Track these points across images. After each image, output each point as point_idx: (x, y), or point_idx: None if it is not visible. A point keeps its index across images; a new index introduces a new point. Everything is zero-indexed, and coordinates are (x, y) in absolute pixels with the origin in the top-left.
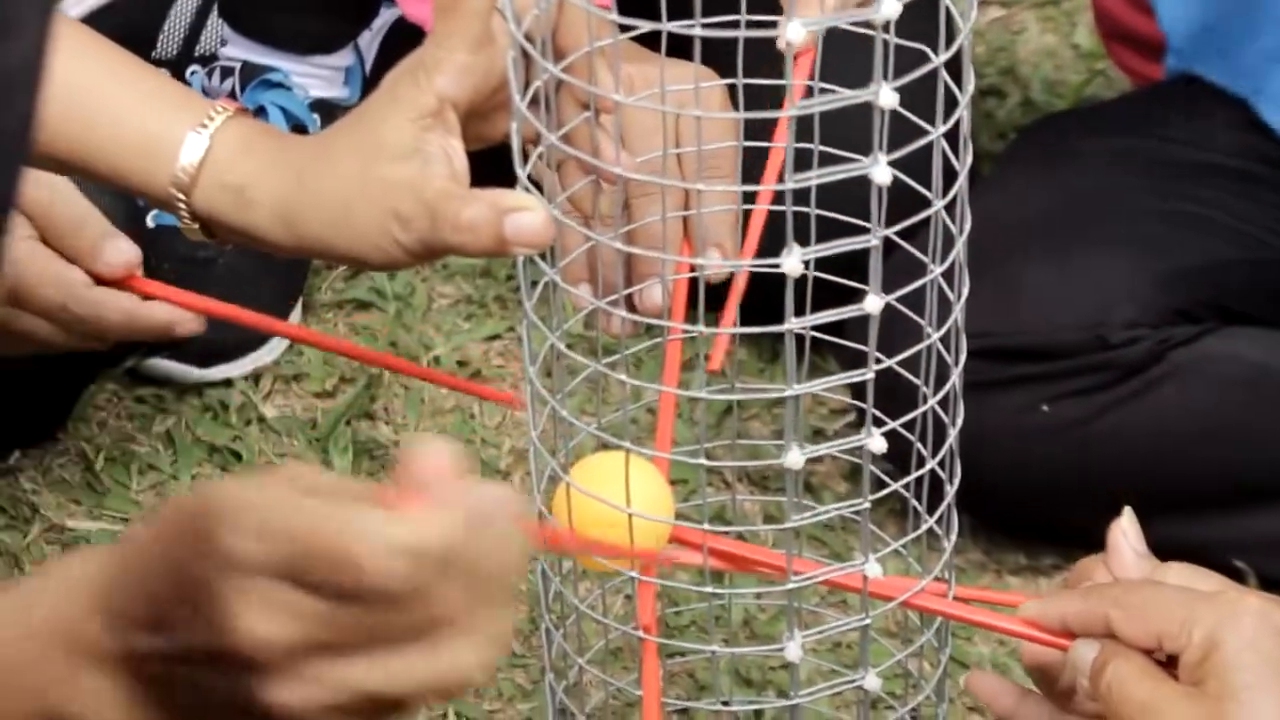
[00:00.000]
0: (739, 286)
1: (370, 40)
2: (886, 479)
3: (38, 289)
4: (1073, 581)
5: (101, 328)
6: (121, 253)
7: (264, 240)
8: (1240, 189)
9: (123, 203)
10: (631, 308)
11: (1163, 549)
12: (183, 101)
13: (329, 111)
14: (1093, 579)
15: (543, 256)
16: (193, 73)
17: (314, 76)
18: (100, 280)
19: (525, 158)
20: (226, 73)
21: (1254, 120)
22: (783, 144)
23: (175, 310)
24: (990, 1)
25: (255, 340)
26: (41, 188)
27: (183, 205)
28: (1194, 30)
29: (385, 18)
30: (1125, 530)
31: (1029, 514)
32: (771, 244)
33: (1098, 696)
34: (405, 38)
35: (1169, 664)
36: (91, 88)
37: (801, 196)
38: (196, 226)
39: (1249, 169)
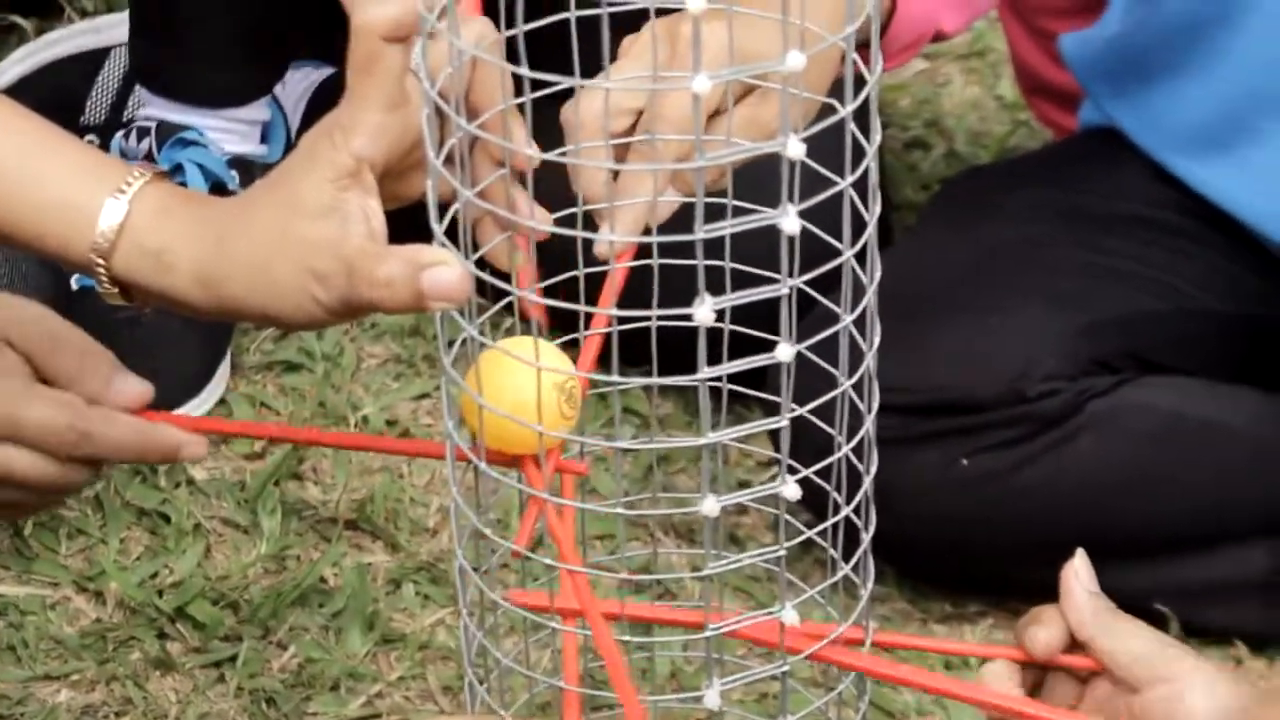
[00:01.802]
0: (616, 282)
1: (296, 102)
2: (802, 528)
3: (36, 410)
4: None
5: (110, 447)
6: (132, 393)
7: (184, 303)
8: (1156, 239)
9: (47, 269)
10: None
11: None
12: (101, 167)
13: (247, 168)
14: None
15: (461, 313)
16: (123, 138)
17: (228, 131)
18: None
19: (441, 215)
20: (143, 133)
21: (1166, 172)
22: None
23: (183, 432)
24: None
25: (180, 398)
26: (45, 338)
27: (102, 270)
28: (1101, 75)
29: (311, 79)
30: (1077, 571)
31: (953, 564)
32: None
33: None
34: (332, 100)
35: None
36: (9, 156)
37: (718, 249)
38: (115, 291)
39: (1164, 219)
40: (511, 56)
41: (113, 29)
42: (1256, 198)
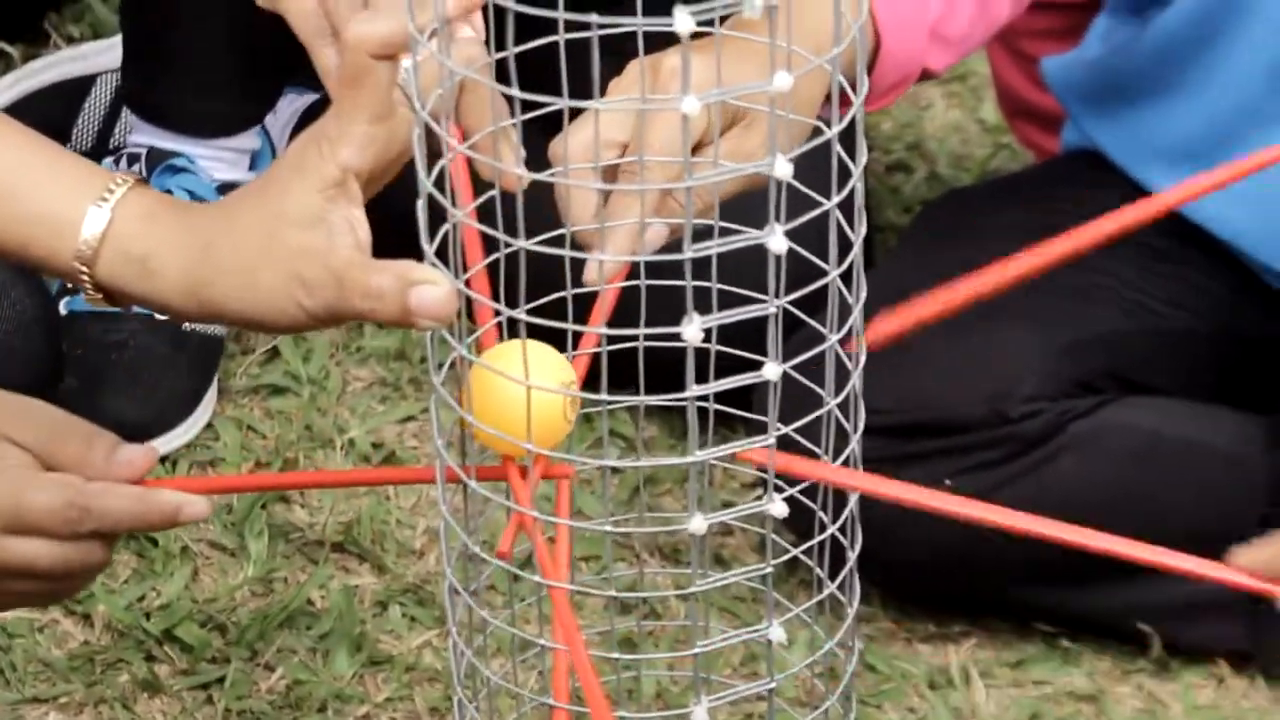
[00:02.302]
0: (606, 304)
1: (283, 128)
2: (788, 546)
3: (36, 495)
4: None
5: (110, 518)
6: (134, 462)
7: (167, 307)
8: (1137, 260)
9: (36, 294)
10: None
11: (1066, 616)
12: (84, 176)
13: None
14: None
15: (451, 332)
16: (113, 164)
17: (218, 160)
18: None
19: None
20: (133, 159)
21: (1147, 192)
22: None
23: (182, 494)
24: None
25: (170, 421)
26: (45, 431)
27: (86, 277)
28: (1083, 97)
29: (296, 105)
30: None
31: (937, 584)
32: (675, 316)
33: None
34: None
35: None
36: None
37: (705, 270)
38: (100, 296)
39: (1145, 240)
40: (502, 81)
41: (99, 56)
42: (1238, 214)
